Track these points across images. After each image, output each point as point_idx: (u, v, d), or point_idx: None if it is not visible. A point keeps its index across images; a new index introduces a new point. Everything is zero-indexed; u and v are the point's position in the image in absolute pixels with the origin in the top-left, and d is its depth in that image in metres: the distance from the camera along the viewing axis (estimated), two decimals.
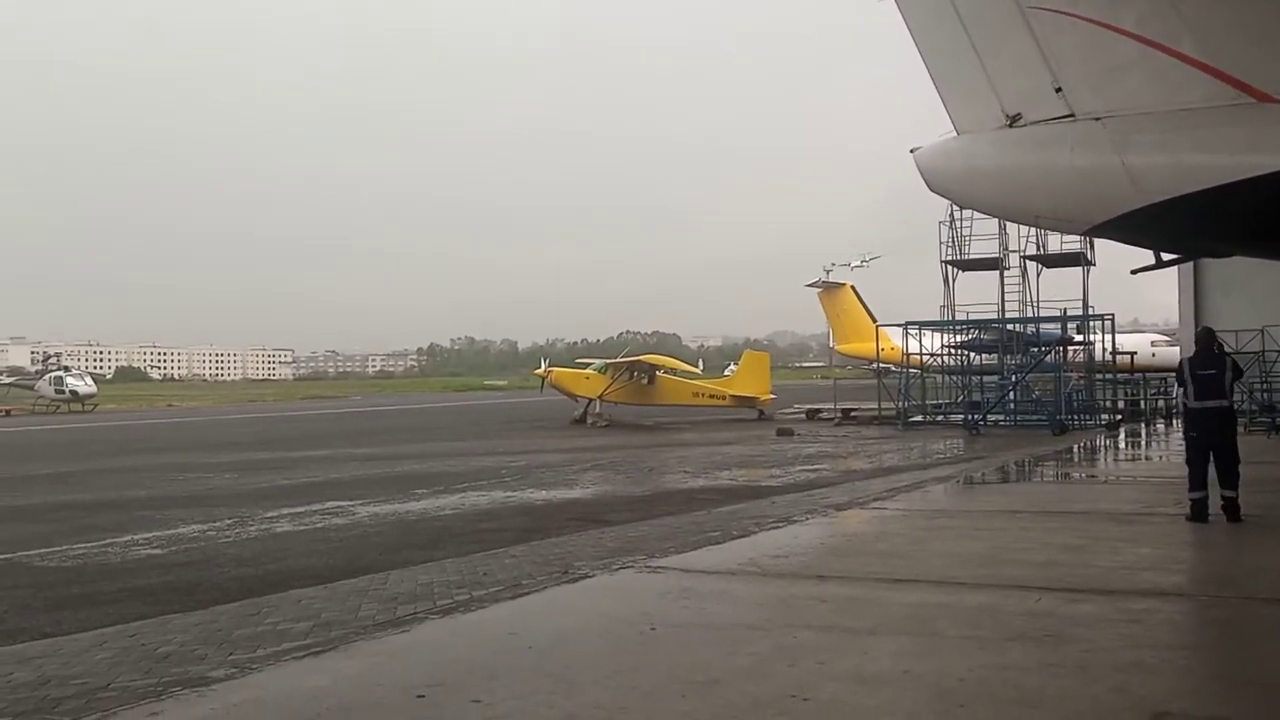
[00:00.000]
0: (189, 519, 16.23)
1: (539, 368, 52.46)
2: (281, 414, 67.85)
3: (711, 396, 49.05)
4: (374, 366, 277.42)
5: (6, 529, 15.69)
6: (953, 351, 41.44)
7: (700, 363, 63.97)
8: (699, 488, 19.60)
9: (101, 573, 11.71)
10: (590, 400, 46.52)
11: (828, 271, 66.34)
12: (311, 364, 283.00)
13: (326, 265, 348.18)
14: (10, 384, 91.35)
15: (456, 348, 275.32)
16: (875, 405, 42.85)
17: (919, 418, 40.51)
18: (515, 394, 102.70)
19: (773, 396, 49.25)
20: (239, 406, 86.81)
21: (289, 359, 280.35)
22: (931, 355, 41.74)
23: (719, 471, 22.95)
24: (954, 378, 42.79)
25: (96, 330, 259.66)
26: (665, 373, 49.03)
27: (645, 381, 47.64)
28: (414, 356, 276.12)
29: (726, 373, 68.02)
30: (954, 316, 43.30)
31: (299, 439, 39.42)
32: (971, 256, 44.32)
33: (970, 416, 36.96)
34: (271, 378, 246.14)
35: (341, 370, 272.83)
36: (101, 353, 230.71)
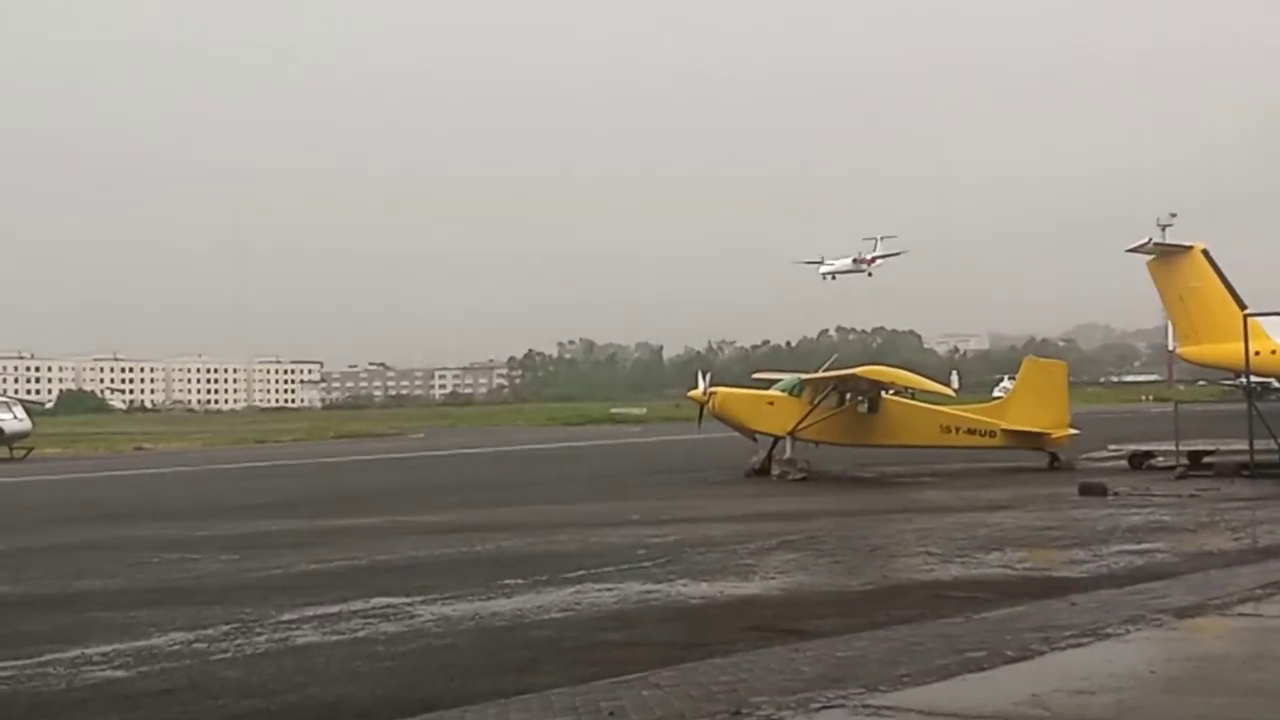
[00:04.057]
0: (167, 623, 16.74)
1: (696, 387, 52.31)
2: (305, 461, 69.75)
3: (971, 432, 48.31)
4: (443, 387, 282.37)
5: None
6: None
7: (955, 377, 63.40)
8: (950, 579, 19.45)
9: (37, 707, 12.22)
10: (778, 438, 46.36)
11: (1163, 229, 64.84)
12: (350, 385, 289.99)
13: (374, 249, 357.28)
14: None
15: (568, 356, 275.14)
16: (1245, 445, 41.66)
17: None
18: (659, 428, 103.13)
19: (1073, 431, 48.34)
20: (242, 450, 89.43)
21: (315, 375, 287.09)
22: None
23: (983, 553, 22.64)
24: None
25: (32, 339, 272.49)
26: (896, 393, 48.62)
27: (864, 408, 47.25)
28: (503, 371, 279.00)
29: (997, 393, 67.19)
30: None
31: (331, 500, 40.35)
32: None
33: None
34: (291, 405, 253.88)
35: (394, 393, 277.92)
36: (38, 369, 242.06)
